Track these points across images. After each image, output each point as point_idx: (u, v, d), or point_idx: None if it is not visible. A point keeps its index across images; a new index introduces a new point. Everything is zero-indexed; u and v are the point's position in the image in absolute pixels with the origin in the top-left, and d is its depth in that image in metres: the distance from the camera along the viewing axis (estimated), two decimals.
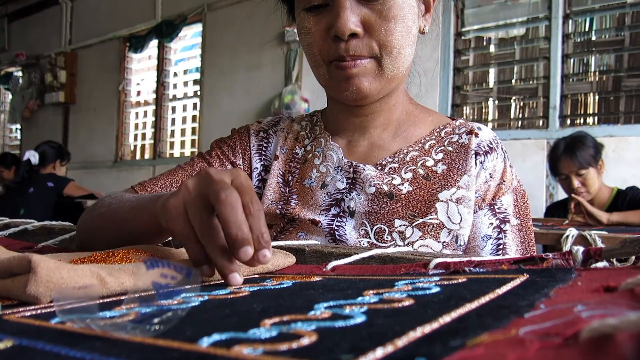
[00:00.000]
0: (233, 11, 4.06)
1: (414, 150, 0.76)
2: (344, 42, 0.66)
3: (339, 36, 0.66)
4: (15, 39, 5.90)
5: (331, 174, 0.77)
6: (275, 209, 0.77)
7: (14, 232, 0.86)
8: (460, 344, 0.20)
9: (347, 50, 0.66)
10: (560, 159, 2.14)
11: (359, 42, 0.67)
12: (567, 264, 0.41)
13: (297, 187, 0.79)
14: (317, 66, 0.72)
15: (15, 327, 0.27)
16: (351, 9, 0.65)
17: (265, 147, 0.84)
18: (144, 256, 0.51)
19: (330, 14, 0.67)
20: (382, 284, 0.37)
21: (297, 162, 0.81)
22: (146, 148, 4.87)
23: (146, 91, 4.86)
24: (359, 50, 0.67)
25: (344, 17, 0.64)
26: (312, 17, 0.69)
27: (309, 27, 0.70)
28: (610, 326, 0.18)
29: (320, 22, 0.68)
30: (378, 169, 0.75)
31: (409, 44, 0.69)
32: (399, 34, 0.67)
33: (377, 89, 0.70)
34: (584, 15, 2.81)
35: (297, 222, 0.75)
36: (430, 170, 0.74)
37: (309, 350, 0.21)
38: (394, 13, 0.66)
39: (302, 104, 3.50)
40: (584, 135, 2.16)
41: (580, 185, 2.12)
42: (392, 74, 0.70)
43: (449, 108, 3.06)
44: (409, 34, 0.68)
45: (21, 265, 0.35)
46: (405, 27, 0.67)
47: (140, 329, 0.24)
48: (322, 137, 0.82)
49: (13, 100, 5.82)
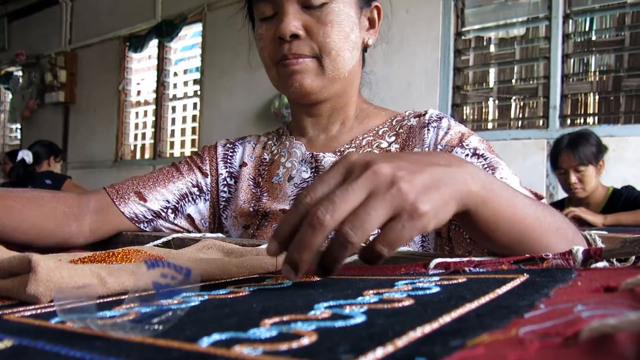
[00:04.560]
0: (233, 11, 4.04)
1: (369, 136, 0.83)
2: (287, 43, 0.75)
3: (282, 37, 0.75)
4: (15, 39, 5.90)
5: (296, 167, 0.84)
6: (248, 207, 0.85)
7: None
8: (460, 344, 0.20)
9: (289, 50, 0.75)
10: (562, 152, 2.15)
11: (300, 43, 0.76)
12: (567, 264, 0.41)
13: (266, 186, 0.86)
14: (269, 69, 0.81)
15: (15, 327, 0.27)
16: (293, 15, 0.75)
17: (231, 156, 0.92)
18: (144, 256, 0.51)
19: (278, 21, 0.76)
20: (382, 284, 0.37)
21: (266, 165, 0.89)
22: (146, 148, 4.87)
23: (146, 91, 4.85)
24: (301, 49, 0.76)
25: (286, 20, 0.74)
26: (265, 25, 0.79)
27: (262, 33, 0.79)
28: (610, 326, 0.18)
29: (270, 28, 0.78)
30: (337, 155, 0.82)
31: (347, 48, 0.78)
32: (336, 37, 0.76)
33: (319, 86, 0.78)
34: (584, 15, 2.81)
35: (270, 215, 0.82)
36: (385, 150, 0.81)
37: (309, 350, 0.21)
38: (331, 19, 0.75)
39: None
40: (589, 132, 2.17)
41: (577, 181, 2.13)
42: (333, 74, 0.78)
43: (449, 108, 3.06)
44: (346, 39, 0.77)
45: (21, 265, 0.35)
46: (342, 31, 0.76)
47: (140, 328, 0.24)
48: (287, 140, 0.90)
49: (13, 100, 5.81)
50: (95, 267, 0.37)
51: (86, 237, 0.79)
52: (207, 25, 4.23)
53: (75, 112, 5.28)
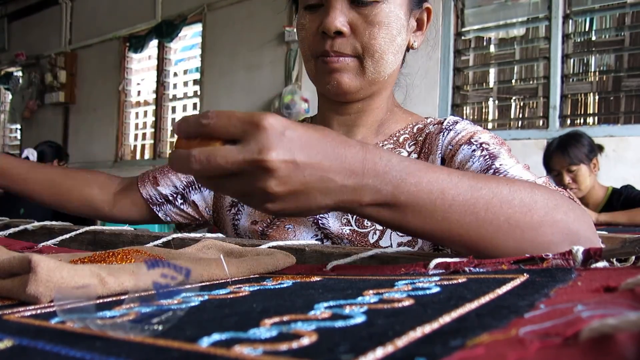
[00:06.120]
0: (233, 11, 4.05)
1: (389, 143, 0.82)
2: (330, 39, 0.72)
3: (326, 32, 0.71)
4: (15, 39, 5.90)
5: None
6: None
7: (14, 232, 0.86)
8: (460, 344, 0.20)
9: (332, 46, 0.72)
10: (553, 155, 2.18)
11: (343, 41, 0.72)
12: (567, 264, 0.41)
13: None
14: (307, 60, 0.79)
15: (15, 327, 0.27)
16: (341, 10, 0.71)
17: None
18: (144, 256, 0.51)
19: (323, 13, 0.73)
20: (382, 284, 0.37)
21: None
22: (146, 148, 4.87)
23: (146, 91, 4.85)
24: (343, 48, 0.72)
25: (332, 15, 0.71)
26: (309, 15, 0.75)
27: (304, 23, 0.76)
28: (610, 326, 0.18)
29: (314, 20, 0.74)
30: None
31: (392, 51, 0.74)
32: (382, 39, 0.72)
33: (356, 87, 0.75)
34: (584, 15, 2.81)
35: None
36: None
37: (309, 350, 0.21)
38: (379, 19, 0.72)
39: (302, 104, 3.50)
40: (579, 133, 2.20)
41: (571, 181, 2.15)
42: (373, 76, 0.75)
43: (449, 108, 3.06)
44: (392, 42, 0.74)
45: (21, 265, 0.35)
46: (389, 34, 0.73)
47: (140, 328, 0.24)
48: None
49: (13, 100, 5.81)
50: (95, 267, 0.37)
51: (110, 206, 0.91)
52: (207, 26, 4.23)
53: (75, 112, 5.28)
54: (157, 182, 0.91)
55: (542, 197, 0.49)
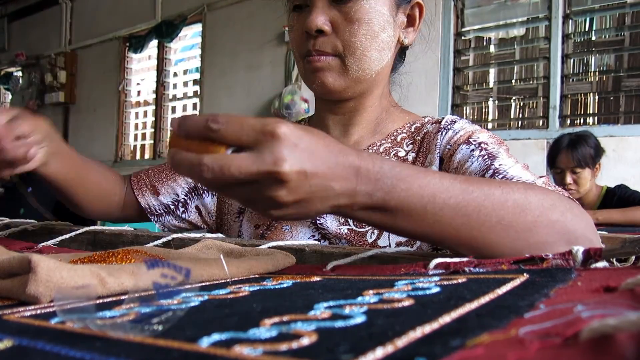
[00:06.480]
0: (233, 11, 4.05)
1: (387, 142, 0.81)
2: (313, 38, 0.73)
3: (308, 32, 0.72)
4: (15, 39, 5.90)
5: None
6: None
7: (14, 232, 0.86)
8: (460, 344, 0.20)
9: (314, 46, 0.73)
10: (560, 152, 2.17)
11: (325, 40, 0.73)
12: (567, 264, 0.41)
13: None
14: (297, 61, 0.79)
15: (15, 327, 0.27)
16: (322, 9, 0.72)
17: None
18: (144, 256, 0.51)
19: (307, 13, 0.73)
20: (382, 284, 0.37)
21: None
22: (146, 148, 4.86)
23: (146, 91, 4.85)
24: (324, 46, 0.73)
25: (314, 14, 0.71)
26: (296, 16, 0.76)
27: (292, 24, 0.77)
28: (610, 326, 0.18)
29: (300, 20, 0.75)
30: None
31: (375, 48, 0.74)
32: (362, 36, 0.72)
33: (341, 85, 0.75)
34: (584, 15, 2.81)
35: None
36: (402, 159, 0.79)
37: (309, 350, 0.21)
38: (359, 16, 0.72)
39: (302, 104, 3.50)
40: (588, 134, 2.18)
41: (572, 182, 2.15)
42: (357, 74, 0.74)
43: (449, 108, 3.06)
44: (374, 39, 0.73)
45: (21, 265, 0.35)
46: (370, 31, 0.72)
47: (140, 329, 0.24)
48: None
49: (13, 100, 5.81)
50: (95, 267, 0.37)
51: (120, 210, 0.89)
52: (207, 26, 4.23)
53: (75, 112, 5.28)
54: (157, 191, 0.89)
55: (536, 198, 0.49)
